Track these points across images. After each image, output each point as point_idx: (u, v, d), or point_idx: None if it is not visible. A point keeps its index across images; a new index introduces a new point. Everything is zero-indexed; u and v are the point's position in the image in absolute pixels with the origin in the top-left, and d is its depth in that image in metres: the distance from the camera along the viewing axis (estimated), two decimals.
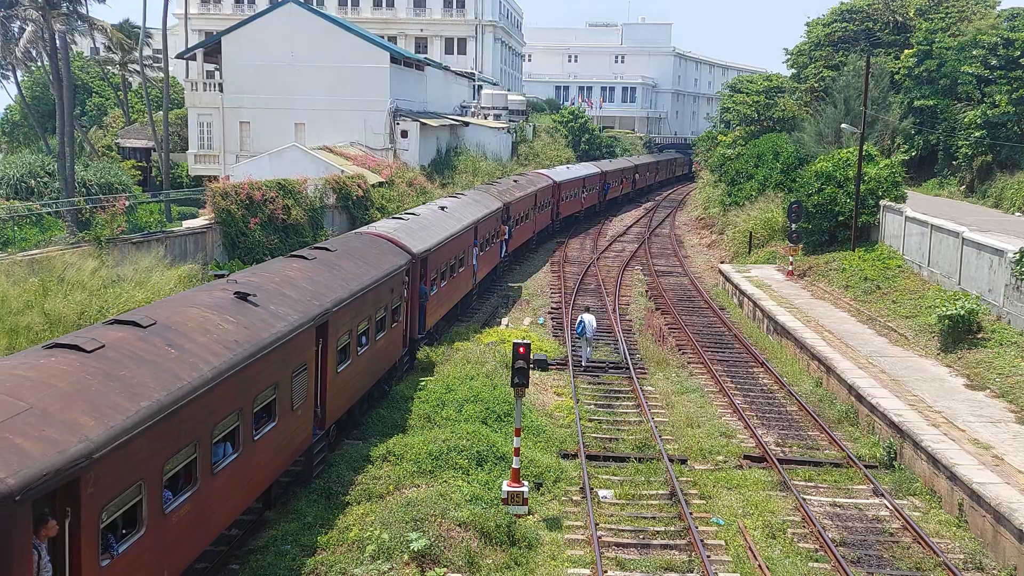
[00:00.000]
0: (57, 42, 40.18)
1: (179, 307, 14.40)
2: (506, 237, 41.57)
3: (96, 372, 11.02)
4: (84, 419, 10.05)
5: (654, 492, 18.96)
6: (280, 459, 15.82)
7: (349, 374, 19.33)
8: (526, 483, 17.60)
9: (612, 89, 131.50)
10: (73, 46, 56.05)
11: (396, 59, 60.34)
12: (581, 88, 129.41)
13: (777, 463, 20.35)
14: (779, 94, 67.84)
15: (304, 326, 16.31)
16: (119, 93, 68.32)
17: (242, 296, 15.59)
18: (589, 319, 28.29)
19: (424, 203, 38.57)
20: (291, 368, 15.81)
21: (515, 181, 49.37)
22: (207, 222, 33.96)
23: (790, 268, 40.34)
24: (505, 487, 17.33)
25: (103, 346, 11.65)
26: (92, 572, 9.91)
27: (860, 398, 23.43)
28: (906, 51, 57.49)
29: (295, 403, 16.13)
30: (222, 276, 18.81)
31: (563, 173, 59.81)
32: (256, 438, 14.40)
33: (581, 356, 28.44)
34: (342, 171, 46.44)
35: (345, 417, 20.12)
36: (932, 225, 32.73)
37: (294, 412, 16.10)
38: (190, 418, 11.98)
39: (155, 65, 63.36)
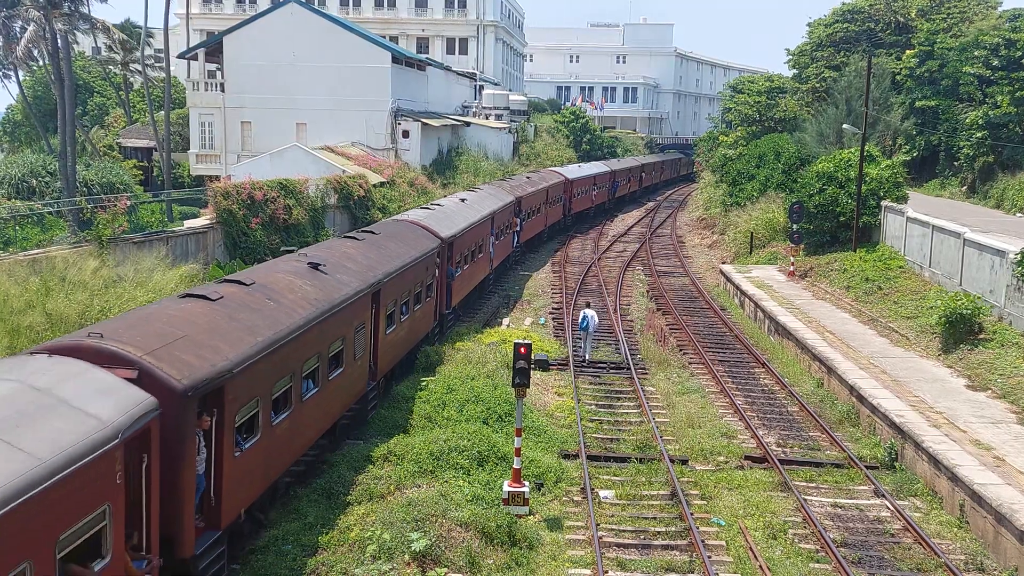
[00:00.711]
0: (58, 42, 40.22)
1: (269, 273, 17.75)
2: (518, 229, 44.30)
3: (222, 315, 14.40)
4: (222, 346, 13.43)
5: (655, 492, 18.96)
6: (345, 400, 19.39)
7: (394, 337, 22.91)
8: (527, 483, 17.60)
9: (613, 89, 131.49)
10: (75, 46, 56.09)
11: (397, 59, 60.36)
12: (583, 88, 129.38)
13: (778, 464, 20.34)
14: (780, 94, 67.83)
15: (363, 292, 19.73)
16: (120, 93, 68.38)
17: (314, 266, 18.87)
18: (591, 314, 28.96)
19: (428, 202, 39.29)
20: (353, 326, 19.12)
21: (528, 178, 52.20)
22: (208, 222, 33.98)
23: (791, 268, 40.33)
24: (506, 487, 17.33)
25: (223, 297, 15.06)
26: (229, 458, 13.37)
27: (861, 399, 23.42)
28: (908, 52, 57.50)
29: (356, 355, 19.43)
30: (291, 251, 22.01)
31: (575, 171, 62.80)
32: (330, 378, 17.75)
33: (582, 350, 28.92)
34: (343, 171, 46.46)
35: (388, 374, 23.11)
36: (933, 226, 32.72)
37: (356, 362, 19.44)
38: (288, 355, 15.39)
39: (156, 65, 63.41)
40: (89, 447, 9.66)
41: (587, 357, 28.66)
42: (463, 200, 35.69)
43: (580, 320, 29.28)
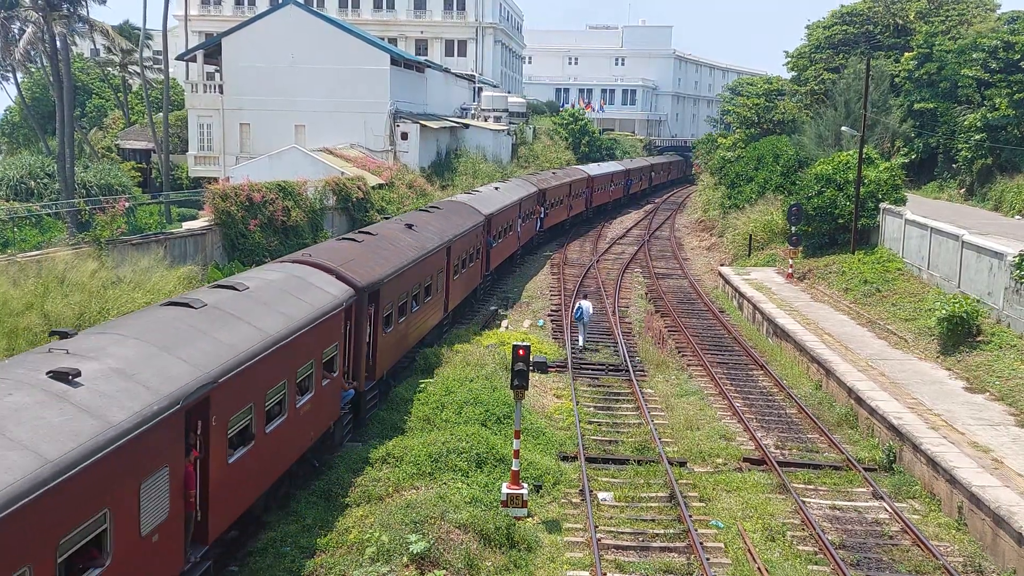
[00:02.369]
0: (57, 43, 40.21)
1: (381, 229, 25.62)
2: (541, 215, 51.94)
3: (374, 247, 23.32)
4: (377, 267, 21.69)
5: (653, 495, 18.96)
6: (433, 320, 27.48)
7: (458, 283, 30.84)
8: (525, 485, 17.59)
9: (612, 91, 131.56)
10: (73, 47, 55.97)
11: (396, 61, 60.35)
12: (581, 90, 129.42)
13: (776, 466, 20.34)
14: (779, 97, 67.87)
15: (442, 247, 27.72)
16: (119, 94, 68.35)
17: (409, 226, 26.94)
18: (587, 305, 31.02)
19: (426, 204, 39.85)
20: (437, 269, 27.08)
21: (553, 173, 60.29)
22: (207, 224, 33.97)
23: (790, 271, 40.35)
24: (504, 489, 17.32)
25: (376, 234, 24.16)
26: (381, 335, 21.46)
27: (860, 401, 23.42)
28: (906, 54, 57.54)
29: (437, 292, 27.21)
30: (388, 218, 31.45)
31: (596, 169, 70.82)
32: (426, 300, 25.62)
33: (579, 339, 30.72)
34: (342, 173, 46.46)
35: (453, 311, 30.68)
36: (932, 228, 32.74)
37: (437, 295, 27.29)
38: (414, 276, 24.10)
39: (155, 67, 63.38)
40: (333, 306, 17.83)
41: (582, 344, 30.35)
42: (496, 188, 44.84)
43: (575, 310, 31.28)
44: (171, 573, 11.76)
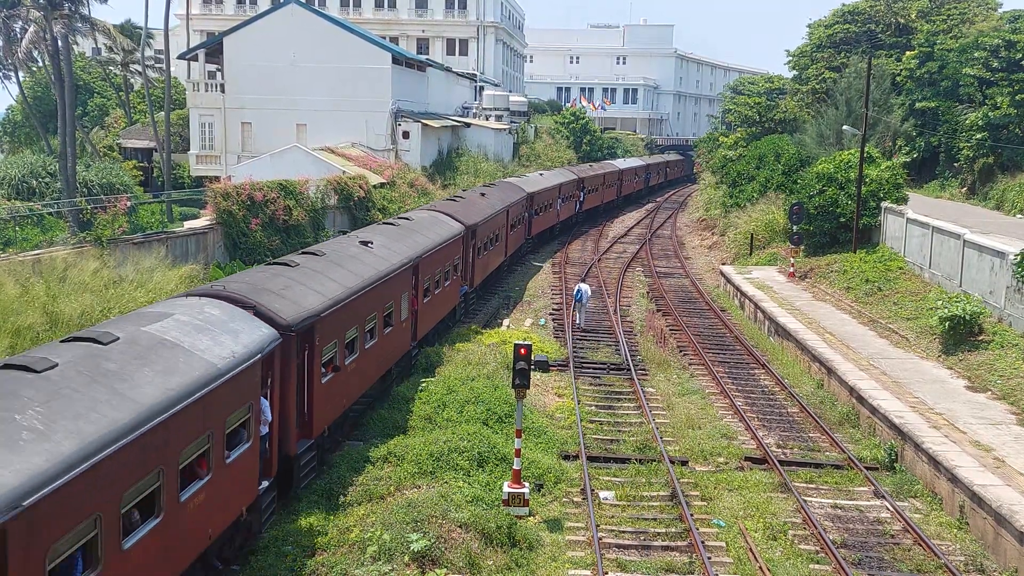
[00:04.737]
0: (59, 42, 40.22)
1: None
2: (580, 199, 62.24)
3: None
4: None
5: (655, 494, 18.95)
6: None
7: (515, 235, 42.24)
8: (527, 484, 17.60)
9: (614, 90, 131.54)
10: (75, 46, 56.00)
11: (398, 60, 60.36)
12: (583, 89, 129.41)
13: (778, 465, 20.34)
14: (780, 96, 67.97)
15: (502, 211, 37.97)
16: (121, 93, 68.35)
17: (483, 193, 37.46)
18: (585, 288, 33.67)
19: (427, 202, 40.08)
20: (505, 225, 38.65)
21: (590, 166, 72.24)
22: (208, 223, 33.98)
23: (791, 270, 40.33)
24: (506, 488, 17.33)
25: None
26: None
27: (861, 400, 23.42)
28: (908, 53, 57.50)
29: (510, 234, 40.66)
30: (457, 197, 37.66)
31: (623, 164, 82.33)
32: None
33: (578, 318, 33.10)
34: (343, 172, 46.46)
35: (513, 253, 41.88)
36: (933, 227, 32.72)
37: (506, 240, 36.70)
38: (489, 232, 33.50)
39: (157, 66, 63.41)
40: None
41: (581, 324, 32.83)
42: (541, 174, 57.06)
43: (575, 293, 33.59)
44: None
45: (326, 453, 18.80)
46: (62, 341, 12.29)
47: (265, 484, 15.17)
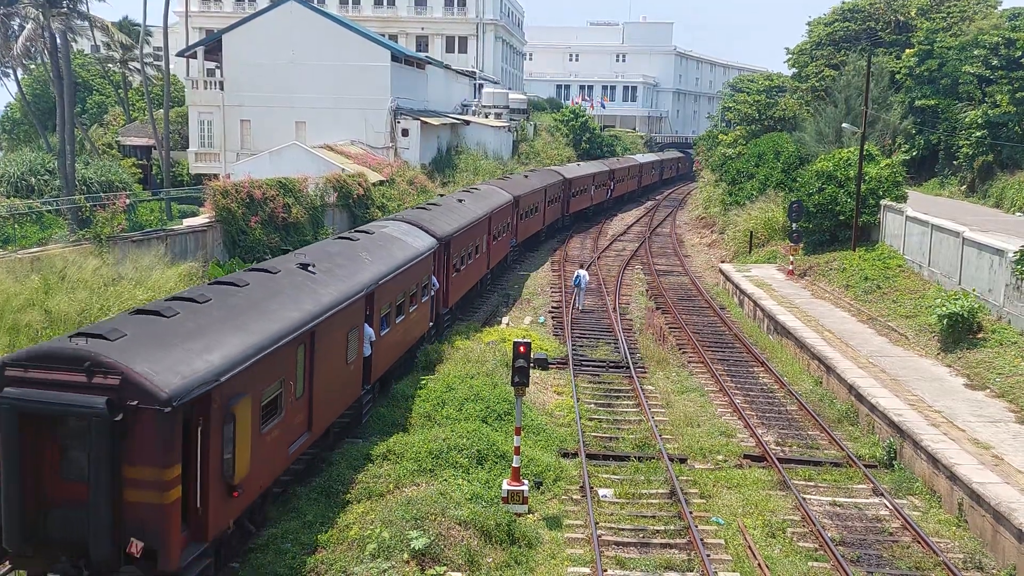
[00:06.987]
0: (57, 40, 40.16)
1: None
2: (611, 187, 72.62)
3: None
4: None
5: (654, 491, 18.97)
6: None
7: (547, 214, 51.64)
8: (526, 482, 17.61)
9: (613, 88, 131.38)
10: (73, 44, 55.91)
11: (397, 57, 60.33)
12: (582, 87, 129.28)
13: (777, 462, 20.36)
14: (780, 93, 67.85)
15: (540, 189, 46.65)
16: (120, 91, 68.28)
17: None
18: (583, 273, 36.28)
19: (427, 200, 39.97)
20: (535, 205, 46.66)
21: (617, 159, 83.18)
22: (207, 220, 33.96)
23: (790, 268, 40.34)
24: (505, 486, 17.34)
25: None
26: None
27: (860, 398, 23.43)
28: (907, 51, 57.43)
29: (542, 211, 49.80)
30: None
31: (642, 159, 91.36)
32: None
33: (577, 301, 35.65)
34: (343, 169, 46.45)
35: (551, 226, 52.58)
36: (933, 225, 32.73)
37: (538, 213, 45.44)
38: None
39: (156, 63, 63.26)
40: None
41: (580, 307, 35.40)
42: (578, 165, 69.02)
43: (574, 279, 36.08)
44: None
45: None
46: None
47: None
